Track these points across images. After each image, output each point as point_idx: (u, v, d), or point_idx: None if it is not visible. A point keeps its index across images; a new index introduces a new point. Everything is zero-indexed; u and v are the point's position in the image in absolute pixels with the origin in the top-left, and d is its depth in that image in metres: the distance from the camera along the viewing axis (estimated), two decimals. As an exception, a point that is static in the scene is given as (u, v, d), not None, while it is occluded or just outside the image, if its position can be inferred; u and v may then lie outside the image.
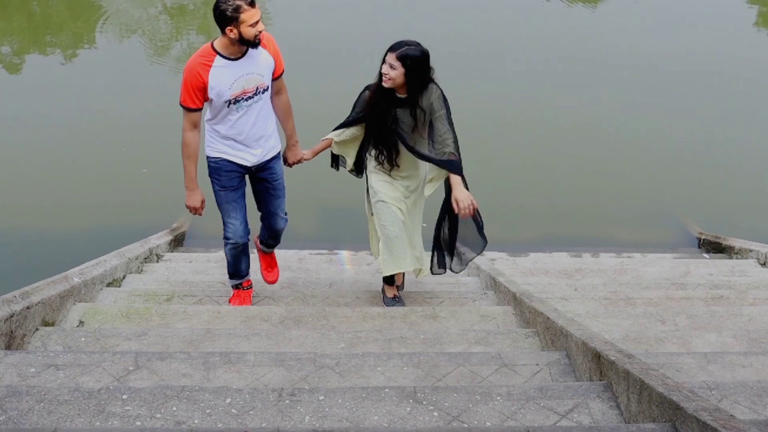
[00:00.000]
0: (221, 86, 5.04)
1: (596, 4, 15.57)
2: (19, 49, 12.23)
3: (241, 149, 5.36)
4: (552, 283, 6.34)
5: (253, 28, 4.91)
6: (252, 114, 5.26)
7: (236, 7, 4.83)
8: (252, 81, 5.16)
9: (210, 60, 5.06)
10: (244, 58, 5.10)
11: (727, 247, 7.90)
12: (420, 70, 5.12)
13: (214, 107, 5.19)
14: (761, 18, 14.84)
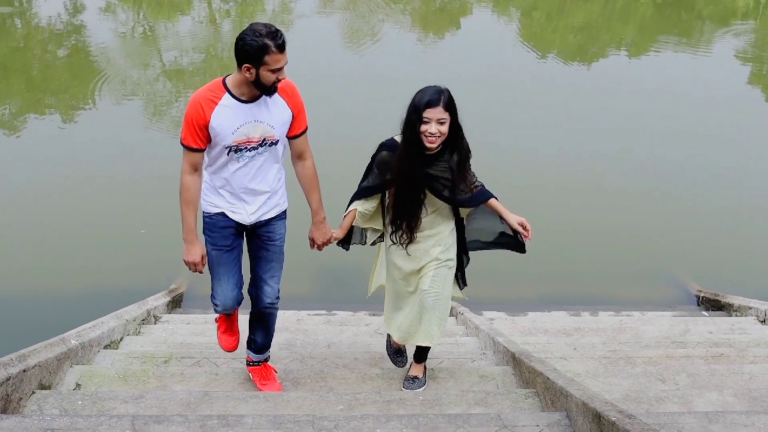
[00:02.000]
0: (224, 128, 4.50)
1: (590, 64, 15.75)
2: (18, 111, 12.31)
3: (235, 202, 4.78)
4: (551, 343, 6.32)
5: (273, 74, 4.38)
6: (252, 167, 4.68)
7: (262, 47, 4.29)
8: (258, 130, 4.57)
9: (218, 96, 4.52)
10: (256, 103, 4.55)
11: (726, 304, 7.88)
12: (457, 114, 4.66)
13: (213, 152, 4.64)
14: (754, 77, 14.99)
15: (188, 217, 4.73)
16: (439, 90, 4.55)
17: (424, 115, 4.54)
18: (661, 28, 18.17)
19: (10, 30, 16.76)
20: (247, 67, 4.35)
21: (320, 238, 4.97)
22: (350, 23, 17.62)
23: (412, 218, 4.95)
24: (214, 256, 4.92)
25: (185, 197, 4.70)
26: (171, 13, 18.13)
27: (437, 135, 4.54)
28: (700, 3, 21.00)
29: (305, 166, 4.92)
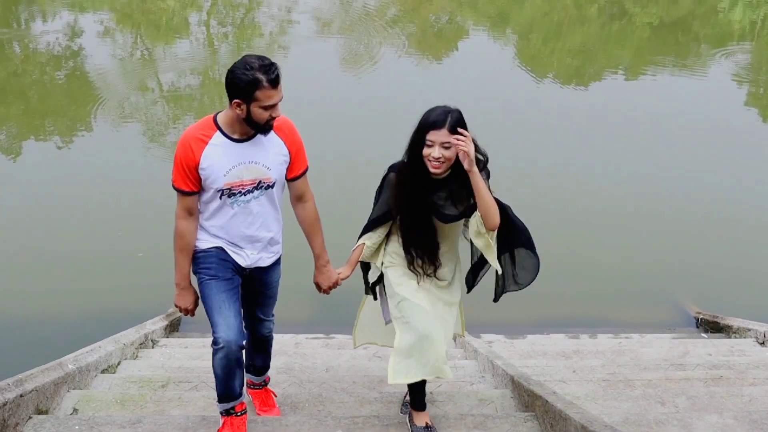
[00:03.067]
0: (215, 170, 4.14)
1: (587, 86, 15.79)
2: (16, 134, 12.32)
3: (232, 251, 4.43)
4: (550, 366, 6.30)
5: (266, 111, 4.02)
6: (249, 213, 4.33)
7: (253, 82, 3.93)
8: (254, 171, 4.21)
9: (208, 135, 4.17)
10: (250, 142, 4.20)
11: (725, 326, 7.87)
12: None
13: (205, 196, 4.29)
14: (751, 98, 15.04)
15: (182, 264, 4.45)
16: (447, 111, 4.15)
17: (428, 137, 4.15)
18: (658, 51, 18.25)
19: (9, 54, 16.80)
20: (238, 103, 4.03)
21: (326, 282, 4.67)
22: (348, 47, 17.69)
23: (426, 246, 4.53)
24: (212, 286, 4.44)
25: (180, 244, 4.40)
26: (169, 36, 18.19)
27: (441, 160, 4.13)
28: (696, 25, 21.11)
29: (306, 209, 4.58)
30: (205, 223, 4.42)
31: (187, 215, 4.35)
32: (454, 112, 4.17)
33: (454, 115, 4.15)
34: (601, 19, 21.70)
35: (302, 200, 4.56)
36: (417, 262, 4.55)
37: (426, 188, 4.35)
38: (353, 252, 4.65)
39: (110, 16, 19.91)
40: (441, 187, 4.34)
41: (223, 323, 4.34)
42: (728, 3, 23.25)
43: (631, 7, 22.53)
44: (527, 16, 22.12)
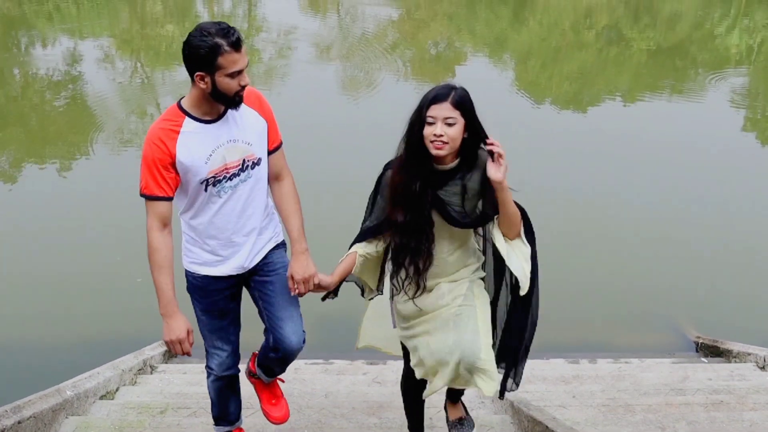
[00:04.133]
0: (194, 160, 3.74)
1: (585, 111, 15.83)
2: (15, 160, 12.34)
3: (225, 251, 4.02)
4: (550, 391, 6.28)
5: (232, 80, 3.63)
6: (239, 200, 3.93)
7: (213, 47, 3.54)
8: (236, 151, 3.84)
9: (177, 124, 3.75)
10: (223, 120, 3.81)
11: (725, 350, 7.85)
12: (476, 119, 3.70)
13: (187, 193, 3.89)
14: (749, 122, 15.08)
15: (163, 285, 3.87)
16: (451, 86, 3.67)
17: (428, 113, 3.63)
18: (655, 76, 18.31)
19: (8, 80, 16.86)
20: (201, 76, 3.62)
21: (300, 271, 3.98)
22: (347, 72, 17.75)
23: (417, 254, 3.90)
24: (205, 321, 4.24)
25: (156, 260, 3.84)
26: (168, 62, 18.26)
27: (444, 139, 3.59)
28: (694, 50, 21.20)
29: (284, 187, 4.14)
30: (193, 222, 4.00)
31: (161, 226, 3.84)
32: (458, 88, 3.69)
33: (459, 91, 3.66)
34: (599, 44, 21.79)
35: (279, 178, 4.14)
36: (400, 277, 3.98)
37: (429, 180, 3.78)
38: (342, 261, 4.00)
39: (110, 42, 20.00)
40: (449, 180, 3.79)
41: (216, 357, 4.29)
42: (725, 28, 23.38)
43: (629, 33, 22.65)
44: (525, 42, 22.23)
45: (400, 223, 3.85)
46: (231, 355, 4.31)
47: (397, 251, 3.95)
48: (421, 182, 3.76)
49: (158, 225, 3.82)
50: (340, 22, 24.03)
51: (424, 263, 3.92)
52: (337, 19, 24.89)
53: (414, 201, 3.79)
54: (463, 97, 3.64)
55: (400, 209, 3.83)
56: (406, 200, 3.80)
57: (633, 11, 27.05)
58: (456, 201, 3.81)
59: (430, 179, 3.78)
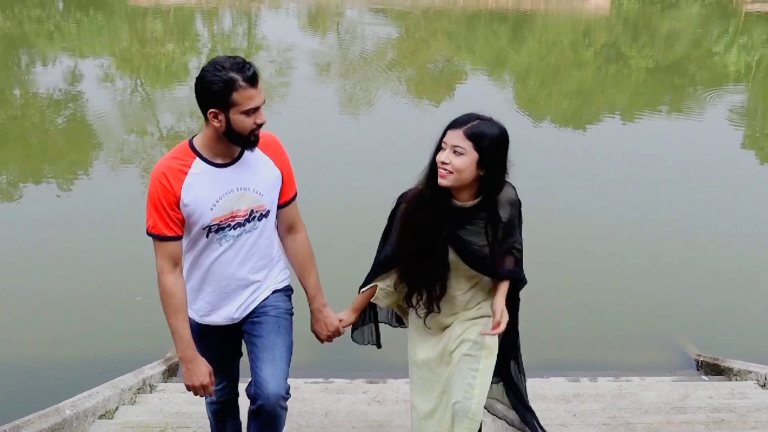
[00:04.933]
0: (199, 205, 3.53)
1: (584, 129, 15.86)
2: (15, 179, 12.35)
3: (219, 302, 3.82)
4: (550, 410, 6.26)
5: (248, 118, 3.42)
6: (240, 250, 3.72)
7: (228, 82, 3.34)
8: (245, 200, 3.62)
9: (186, 164, 3.54)
10: (235, 165, 3.60)
11: (725, 368, 7.83)
12: (501, 159, 3.54)
13: (188, 235, 3.69)
14: (748, 140, 15.10)
15: (181, 329, 3.68)
16: (474, 116, 3.51)
17: (444, 138, 3.51)
18: (654, 94, 18.36)
19: (9, 99, 16.89)
20: (214, 113, 3.41)
21: (325, 330, 3.97)
22: (346, 91, 17.79)
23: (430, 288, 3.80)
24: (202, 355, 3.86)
25: (171, 305, 3.65)
26: (168, 81, 18.31)
27: (448, 168, 3.44)
28: (692, 68, 21.26)
29: (297, 241, 3.94)
30: (188, 266, 3.79)
31: (173, 267, 3.64)
32: (485, 120, 3.51)
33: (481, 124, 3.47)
34: (598, 62, 21.86)
35: (292, 231, 3.94)
36: (412, 301, 3.89)
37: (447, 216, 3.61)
38: (360, 295, 3.97)
39: (110, 61, 20.05)
40: (470, 218, 3.63)
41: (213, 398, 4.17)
42: (723, 46, 23.46)
43: (628, 51, 22.72)
44: (524, 60, 22.31)
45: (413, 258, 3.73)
46: (229, 385, 4.18)
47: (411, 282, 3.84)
48: (436, 216, 3.59)
49: (169, 266, 3.62)
50: (340, 41, 24.10)
51: (437, 293, 3.80)
52: (336, 37, 24.97)
53: (427, 235, 3.63)
54: (481, 132, 3.44)
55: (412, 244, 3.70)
56: (418, 234, 3.66)
57: (631, 29, 27.20)
58: (478, 241, 3.66)
59: (448, 215, 3.61)
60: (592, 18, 32.83)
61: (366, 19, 30.61)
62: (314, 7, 33.50)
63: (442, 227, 3.62)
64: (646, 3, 35.89)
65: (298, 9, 32.76)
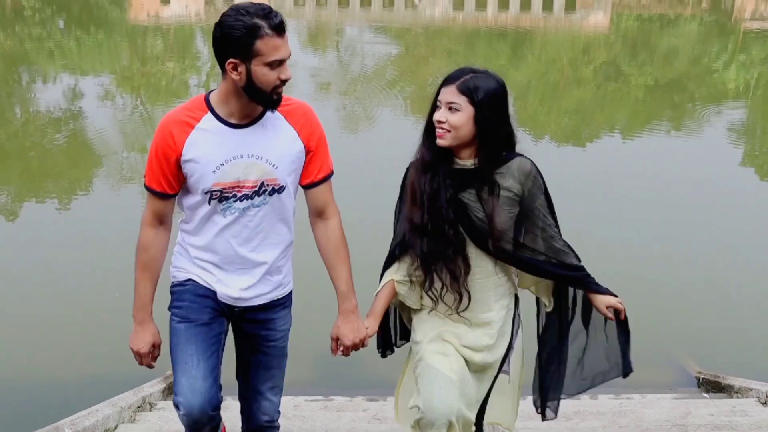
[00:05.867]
0: (201, 165, 3.18)
1: (585, 146, 15.88)
2: (15, 196, 12.35)
3: (220, 274, 3.41)
4: (551, 428, 6.24)
5: (272, 71, 3.03)
6: (246, 226, 3.31)
7: (251, 28, 2.95)
8: (255, 170, 3.21)
9: (196, 117, 3.20)
10: (251, 128, 3.21)
11: (726, 386, 7.81)
12: (499, 113, 3.29)
13: (188, 201, 3.34)
14: (747, 157, 15.12)
15: (143, 288, 3.51)
16: (467, 69, 3.33)
17: (439, 96, 3.32)
18: (654, 111, 18.40)
19: (9, 117, 16.91)
20: (233, 64, 3.03)
21: (351, 335, 3.44)
22: (346, 107, 17.82)
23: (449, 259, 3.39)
24: (181, 330, 3.47)
25: (142, 260, 3.43)
26: (168, 98, 18.35)
27: (445, 126, 3.23)
28: (691, 85, 21.31)
29: (329, 228, 3.48)
30: (189, 238, 3.44)
31: (156, 222, 3.37)
32: (479, 73, 3.30)
33: (475, 77, 3.27)
34: (597, 79, 21.91)
35: (323, 216, 3.48)
36: (435, 287, 3.48)
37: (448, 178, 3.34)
38: (378, 295, 3.55)
39: (110, 79, 20.09)
40: (472, 181, 3.34)
41: (186, 384, 3.37)
42: (722, 63, 23.52)
43: (627, 68, 22.77)
44: (524, 77, 22.35)
45: (421, 226, 3.38)
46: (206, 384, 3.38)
47: (426, 258, 3.43)
48: (438, 178, 3.34)
49: (152, 220, 3.36)
50: (340, 59, 24.16)
51: (460, 269, 3.42)
52: (336, 55, 25.04)
53: (432, 201, 3.35)
54: (475, 85, 3.24)
55: (418, 211, 3.38)
56: (424, 201, 3.36)
57: (630, 47, 27.28)
58: (478, 206, 3.35)
59: (450, 176, 3.35)
60: (591, 35, 32.93)
61: (366, 36, 30.70)
62: (314, 25, 33.61)
63: (446, 190, 3.34)
64: (644, 20, 36.02)
65: (298, 26, 32.88)
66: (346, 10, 39.83)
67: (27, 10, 29.61)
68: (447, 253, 3.39)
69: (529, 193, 3.42)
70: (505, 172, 3.34)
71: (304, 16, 37.11)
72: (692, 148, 15.20)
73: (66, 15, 31.07)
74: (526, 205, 3.45)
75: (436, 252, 3.39)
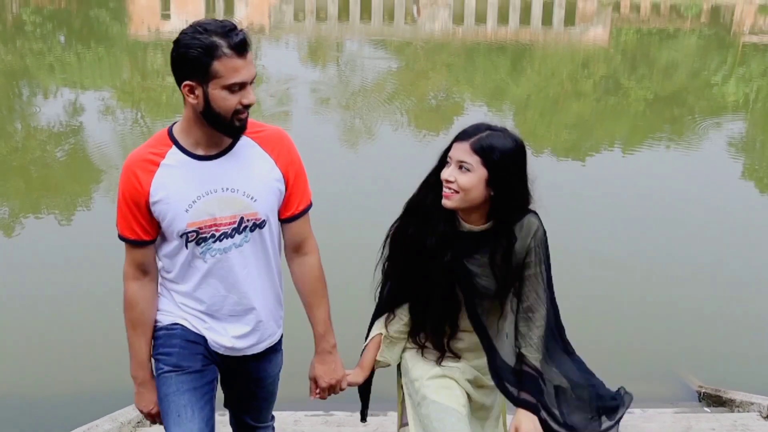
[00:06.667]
0: (172, 205, 2.89)
1: (584, 160, 15.87)
2: (15, 211, 12.34)
3: (210, 321, 3.14)
4: (552, 442, 6.22)
5: (232, 96, 2.74)
6: (227, 270, 3.02)
7: (208, 47, 2.67)
8: (231, 204, 2.93)
9: (159, 154, 2.90)
10: (222, 159, 2.92)
11: (728, 400, 7.79)
12: (513, 177, 3.04)
13: (165, 248, 3.06)
14: (747, 171, 15.11)
15: (138, 347, 3.22)
16: (483, 126, 3.06)
17: (450, 153, 3.03)
18: (653, 124, 18.41)
19: (10, 131, 16.92)
20: (189, 86, 2.75)
21: (327, 376, 3.29)
22: (347, 122, 17.84)
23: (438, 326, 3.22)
24: (172, 379, 3.15)
25: (132, 318, 3.18)
26: (168, 112, 18.35)
27: (453, 187, 2.92)
28: (691, 99, 21.33)
29: (307, 265, 3.19)
30: (171, 285, 3.17)
31: (139, 275, 3.10)
32: (496, 131, 3.02)
33: (491, 135, 2.99)
34: (597, 93, 21.94)
35: (301, 252, 3.20)
36: (419, 337, 3.31)
37: (452, 241, 3.05)
38: (366, 348, 3.39)
39: (111, 93, 20.11)
40: (479, 246, 3.05)
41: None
42: (721, 77, 23.55)
43: (626, 82, 22.80)
44: (524, 92, 22.38)
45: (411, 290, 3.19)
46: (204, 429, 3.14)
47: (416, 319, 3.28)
48: (439, 240, 3.05)
49: (135, 273, 3.11)
50: (340, 73, 24.21)
51: (447, 336, 3.26)
52: (336, 69, 25.09)
53: (429, 263, 3.07)
54: (490, 145, 2.96)
55: (409, 272, 3.14)
56: (418, 263, 3.09)
57: (630, 61, 27.33)
58: (485, 273, 3.10)
59: (454, 240, 3.06)
60: (590, 49, 32.99)
61: (366, 51, 30.76)
62: (314, 39, 33.69)
63: (444, 254, 3.05)
64: (644, 34, 36.08)
65: (298, 41, 32.95)
66: (346, 24, 39.92)
67: (28, 25, 29.65)
68: (437, 319, 3.22)
69: (530, 255, 3.13)
70: (517, 234, 3.11)
71: (304, 31, 37.19)
72: (692, 162, 15.19)
73: (67, 30, 31.12)
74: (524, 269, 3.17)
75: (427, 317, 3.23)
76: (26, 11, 33.19)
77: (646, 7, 43.89)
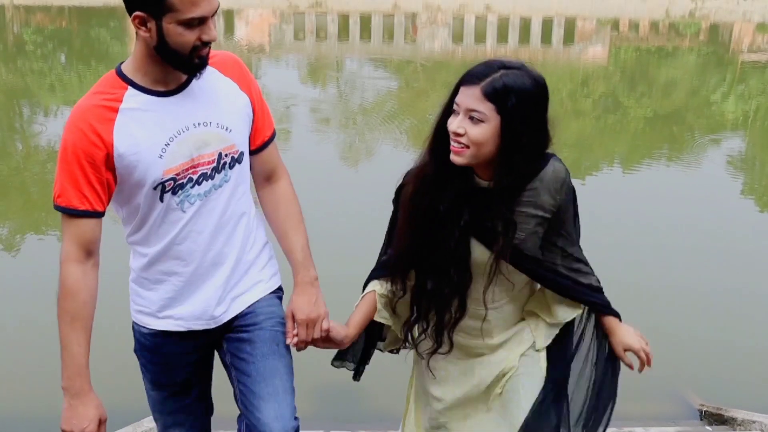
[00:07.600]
0: (143, 153, 2.50)
1: (584, 179, 15.88)
2: (15, 230, 12.34)
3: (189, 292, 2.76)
4: (553, 460, 6.19)
5: (189, 31, 2.37)
6: (210, 214, 2.66)
7: None
8: (209, 140, 2.59)
9: (115, 98, 2.48)
10: (185, 92, 2.56)
11: (729, 418, 7.76)
12: (535, 121, 2.59)
13: (131, 204, 2.68)
14: (746, 188, 15.10)
15: (73, 345, 2.64)
16: (496, 63, 2.49)
17: (457, 98, 2.51)
18: (653, 142, 18.41)
19: (10, 151, 16.93)
20: (140, 17, 2.35)
21: (306, 308, 2.73)
22: (346, 141, 17.85)
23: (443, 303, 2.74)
24: (156, 399, 3.01)
25: (68, 308, 2.66)
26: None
27: (462, 140, 2.48)
28: (690, 116, 21.34)
29: (278, 189, 2.88)
30: (141, 248, 2.83)
31: (82, 256, 2.68)
32: (510, 71, 2.45)
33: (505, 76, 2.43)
34: (596, 112, 21.96)
35: (272, 179, 2.91)
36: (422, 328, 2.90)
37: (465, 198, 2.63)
38: (358, 306, 2.89)
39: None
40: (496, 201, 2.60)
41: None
42: (720, 95, 23.59)
43: (626, 100, 22.83)
44: (523, 110, 22.35)
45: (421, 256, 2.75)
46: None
47: (418, 294, 2.84)
48: (452, 199, 2.64)
49: (77, 253, 2.71)
50: (340, 92, 24.24)
51: (451, 315, 2.79)
52: (336, 88, 25.13)
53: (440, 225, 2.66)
54: (505, 87, 2.44)
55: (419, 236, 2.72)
56: (428, 224, 2.68)
57: (629, 79, 27.36)
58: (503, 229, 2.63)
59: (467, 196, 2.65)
60: (590, 67, 33.04)
61: (366, 70, 30.81)
62: (314, 58, 33.75)
63: (460, 215, 2.65)
64: (643, 52, 36.15)
65: (298, 60, 33.00)
66: (345, 43, 40.02)
67: (29, 45, 29.75)
68: (442, 293, 2.76)
69: (562, 205, 2.78)
70: (538, 186, 2.69)
71: (304, 50, 37.27)
72: (691, 180, 15.19)
73: (68, 49, 31.21)
74: (555, 218, 2.77)
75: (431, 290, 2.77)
76: (27, 31, 33.36)
77: (645, 26, 44.06)
